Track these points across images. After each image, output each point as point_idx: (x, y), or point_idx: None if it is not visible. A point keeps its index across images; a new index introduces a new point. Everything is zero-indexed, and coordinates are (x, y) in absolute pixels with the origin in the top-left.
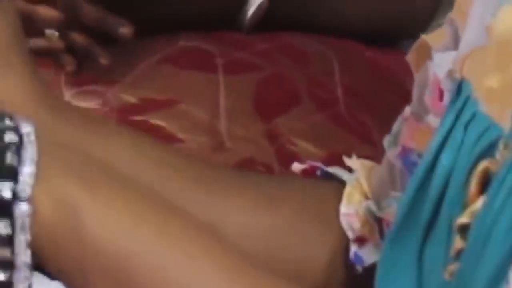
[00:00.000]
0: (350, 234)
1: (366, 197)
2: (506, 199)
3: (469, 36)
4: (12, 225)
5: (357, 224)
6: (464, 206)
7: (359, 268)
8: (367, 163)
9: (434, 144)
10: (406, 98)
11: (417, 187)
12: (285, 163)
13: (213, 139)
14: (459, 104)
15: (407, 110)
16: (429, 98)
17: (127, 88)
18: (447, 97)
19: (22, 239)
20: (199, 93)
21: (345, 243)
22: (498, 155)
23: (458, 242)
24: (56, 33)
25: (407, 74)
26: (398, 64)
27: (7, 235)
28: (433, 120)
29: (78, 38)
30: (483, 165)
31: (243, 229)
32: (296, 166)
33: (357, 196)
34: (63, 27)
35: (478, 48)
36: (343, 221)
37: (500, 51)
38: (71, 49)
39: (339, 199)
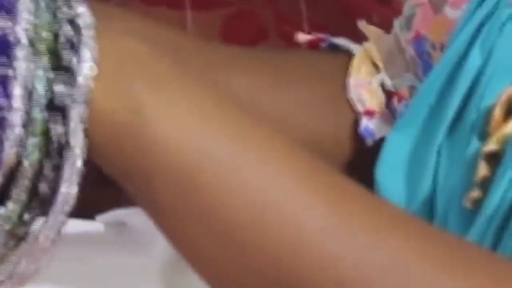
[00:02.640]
0: (359, 107)
1: (376, 68)
2: None
3: None
4: (68, 127)
5: (366, 96)
6: (486, 134)
7: (369, 141)
8: (376, 30)
9: (462, 39)
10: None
11: (443, 83)
12: None
13: None
14: (490, 2)
15: None
16: None
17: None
18: None
19: (78, 141)
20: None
21: (351, 118)
22: None
23: (483, 169)
24: None
25: (374, 10)
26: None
27: (62, 139)
28: (450, 11)
29: None
30: (510, 91)
31: (255, 109)
32: (301, 37)
33: (365, 68)
34: None
35: None
36: (352, 93)
37: None
38: None
39: (345, 72)
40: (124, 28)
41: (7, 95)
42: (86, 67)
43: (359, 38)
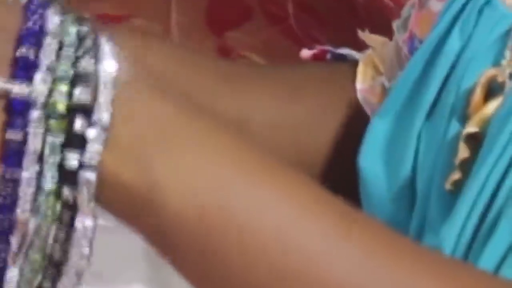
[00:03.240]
0: (368, 110)
1: (379, 72)
2: None
3: None
4: (78, 193)
5: (373, 99)
6: (466, 116)
7: None
8: (380, 38)
9: (441, 25)
10: (356, 14)
11: (423, 67)
12: None
13: None
14: None
15: None
16: None
17: (81, 4)
18: None
19: (86, 205)
20: (152, 8)
21: (364, 121)
22: (504, 62)
23: (463, 151)
24: None
25: None
26: None
27: (72, 201)
28: (434, 4)
29: None
30: (489, 73)
31: (271, 122)
32: (305, 53)
33: (370, 72)
34: None
35: None
36: (360, 97)
37: None
38: None
39: (352, 79)
40: (145, 77)
41: (20, 161)
42: (98, 133)
43: (343, 16)
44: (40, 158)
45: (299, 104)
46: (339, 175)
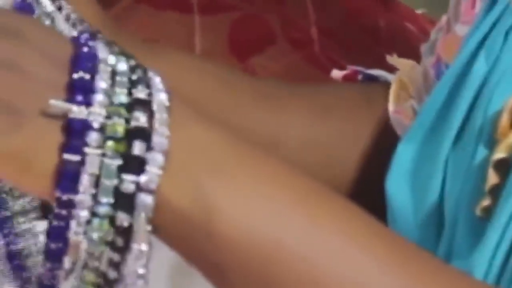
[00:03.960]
0: (399, 131)
1: (409, 95)
2: None
3: None
4: (133, 217)
5: (405, 121)
6: (493, 141)
7: None
8: (408, 62)
9: (468, 49)
10: (378, 39)
11: (449, 91)
12: None
13: None
14: (496, 11)
15: (444, 18)
16: (464, 5)
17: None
18: (479, 5)
19: (142, 229)
20: (175, 33)
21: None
22: None
23: (492, 177)
24: None
25: (380, 15)
26: (372, 5)
27: (127, 226)
28: (460, 28)
29: None
30: None
31: (303, 142)
32: (336, 73)
33: (402, 94)
34: None
35: None
36: (393, 118)
37: None
38: None
39: (385, 99)
40: (190, 103)
41: (76, 183)
42: (157, 157)
43: (366, 41)
44: (96, 181)
45: (332, 122)
46: (369, 195)
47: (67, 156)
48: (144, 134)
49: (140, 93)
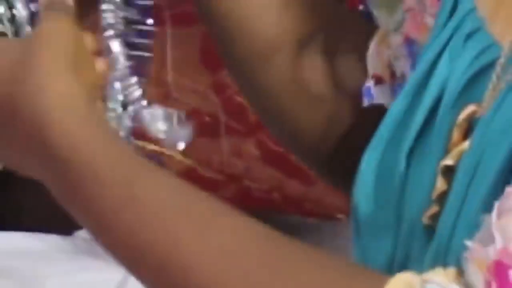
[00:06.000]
0: (370, 70)
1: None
2: (498, 136)
3: None
4: None
5: (379, 63)
6: (446, 152)
7: (365, 101)
8: None
9: (431, 53)
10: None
11: (410, 101)
12: (231, 114)
13: (160, 90)
14: (460, 14)
15: (410, 1)
16: None
17: None
18: None
19: None
20: None
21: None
22: (486, 97)
23: (441, 184)
24: None
25: None
26: None
27: None
28: (429, 20)
29: None
30: (469, 109)
31: None
32: None
33: (385, 41)
34: None
35: None
36: (368, 57)
37: None
38: None
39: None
40: None
41: None
42: None
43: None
44: None
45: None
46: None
47: None
48: None
49: None
